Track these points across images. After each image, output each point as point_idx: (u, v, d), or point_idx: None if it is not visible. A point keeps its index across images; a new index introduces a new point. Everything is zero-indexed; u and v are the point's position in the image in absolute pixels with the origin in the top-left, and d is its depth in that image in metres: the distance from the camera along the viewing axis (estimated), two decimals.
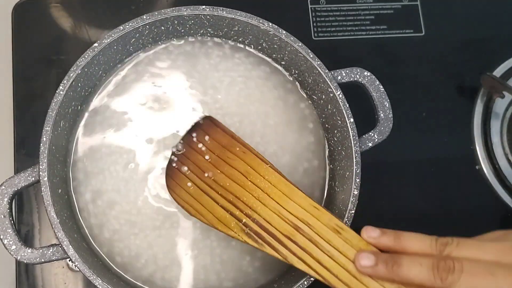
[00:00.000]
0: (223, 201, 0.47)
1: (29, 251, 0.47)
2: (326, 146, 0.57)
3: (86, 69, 0.51)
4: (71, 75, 0.50)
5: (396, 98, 0.55)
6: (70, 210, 0.52)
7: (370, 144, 0.53)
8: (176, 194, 0.48)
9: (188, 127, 0.51)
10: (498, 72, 0.70)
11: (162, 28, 0.54)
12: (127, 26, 0.51)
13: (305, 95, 0.57)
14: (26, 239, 0.59)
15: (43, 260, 0.47)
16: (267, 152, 0.55)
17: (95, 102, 0.55)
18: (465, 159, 0.68)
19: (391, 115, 0.53)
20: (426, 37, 0.71)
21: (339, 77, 0.53)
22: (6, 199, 0.48)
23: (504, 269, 0.38)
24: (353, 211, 0.49)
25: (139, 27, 0.52)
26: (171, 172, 0.49)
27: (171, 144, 0.52)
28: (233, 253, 0.52)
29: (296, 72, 0.56)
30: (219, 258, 0.52)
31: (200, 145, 0.50)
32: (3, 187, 0.48)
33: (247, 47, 0.57)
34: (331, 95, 0.53)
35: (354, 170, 0.50)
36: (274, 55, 0.56)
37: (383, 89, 0.53)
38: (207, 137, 0.50)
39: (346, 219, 0.49)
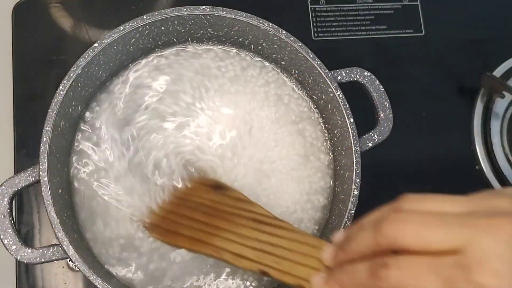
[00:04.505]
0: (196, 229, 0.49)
1: (29, 251, 0.47)
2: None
3: (86, 69, 0.51)
4: (71, 75, 0.50)
5: (396, 98, 0.55)
6: (70, 210, 0.52)
7: (370, 144, 0.53)
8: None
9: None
10: (498, 72, 0.70)
11: (162, 28, 0.54)
12: (127, 26, 0.51)
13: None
14: (26, 239, 0.59)
15: (43, 260, 0.47)
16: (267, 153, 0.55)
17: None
18: (465, 159, 0.68)
19: (391, 115, 0.53)
20: (426, 37, 0.71)
21: (339, 77, 0.53)
22: (6, 199, 0.48)
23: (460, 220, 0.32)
24: (353, 211, 0.49)
25: (139, 27, 0.52)
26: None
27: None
28: None
29: (296, 72, 0.56)
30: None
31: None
32: (3, 187, 0.48)
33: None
34: (331, 95, 0.53)
35: (354, 170, 0.50)
36: (274, 55, 0.56)
37: (383, 89, 0.53)
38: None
39: (346, 219, 0.49)
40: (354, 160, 0.50)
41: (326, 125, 0.56)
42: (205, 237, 0.47)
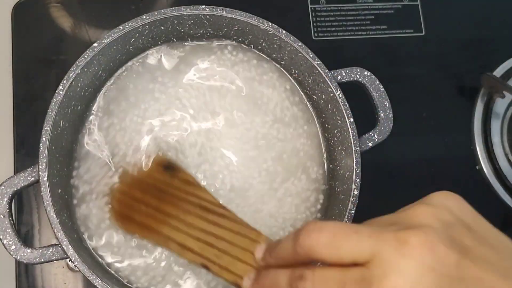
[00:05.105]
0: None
1: (29, 251, 0.47)
2: (326, 146, 0.56)
3: (85, 69, 0.51)
4: (71, 75, 0.50)
5: (396, 98, 0.55)
6: (70, 210, 0.52)
7: (370, 144, 0.53)
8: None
9: None
10: (498, 72, 0.70)
11: (162, 28, 0.54)
12: (127, 26, 0.51)
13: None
14: (26, 239, 0.59)
15: (42, 260, 0.47)
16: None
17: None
18: (465, 159, 0.68)
19: (391, 115, 0.53)
20: (426, 37, 0.71)
21: (339, 77, 0.53)
22: (5, 199, 0.48)
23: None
24: (353, 211, 0.49)
25: (138, 27, 0.52)
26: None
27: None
28: None
29: (296, 72, 0.56)
30: None
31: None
32: (3, 187, 0.48)
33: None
34: (331, 95, 0.53)
35: (354, 170, 0.50)
36: (274, 55, 0.56)
37: (383, 89, 0.53)
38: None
39: (346, 219, 0.49)
40: (354, 160, 0.50)
41: (326, 125, 0.56)
42: (154, 224, 0.48)
